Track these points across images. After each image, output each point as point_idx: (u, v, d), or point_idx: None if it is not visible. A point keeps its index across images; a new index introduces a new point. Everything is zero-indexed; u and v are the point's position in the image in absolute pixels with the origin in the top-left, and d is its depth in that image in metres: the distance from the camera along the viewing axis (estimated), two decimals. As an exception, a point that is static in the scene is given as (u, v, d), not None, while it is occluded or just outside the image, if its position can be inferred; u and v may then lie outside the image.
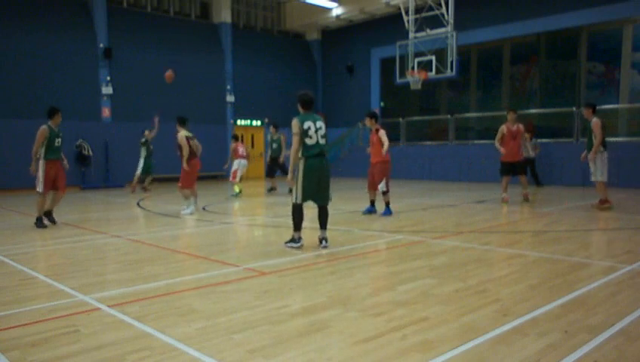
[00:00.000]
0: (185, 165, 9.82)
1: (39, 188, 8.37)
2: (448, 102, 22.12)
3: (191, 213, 9.84)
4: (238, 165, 13.76)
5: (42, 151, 8.38)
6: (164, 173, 17.79)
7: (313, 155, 6.13)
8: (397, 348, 3.08)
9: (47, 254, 6.52)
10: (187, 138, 9.91)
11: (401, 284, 4.56)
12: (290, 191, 6.61)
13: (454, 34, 15.10)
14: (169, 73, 11.28)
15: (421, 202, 11.74)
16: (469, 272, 5.01)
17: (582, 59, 18.26)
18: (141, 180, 15.66)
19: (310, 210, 7.53)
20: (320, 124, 6.23)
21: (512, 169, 11.13)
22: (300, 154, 6.15)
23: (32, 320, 3.69)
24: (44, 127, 8.40)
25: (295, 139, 6.12)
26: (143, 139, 15.40)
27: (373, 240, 7.11)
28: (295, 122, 6.13)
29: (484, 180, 16.96)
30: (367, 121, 9.54)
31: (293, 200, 6.27)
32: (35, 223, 8.45)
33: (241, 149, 13.99)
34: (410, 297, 4.15)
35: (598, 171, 9.81)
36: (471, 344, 3.12)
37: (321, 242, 6.38)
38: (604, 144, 9.80)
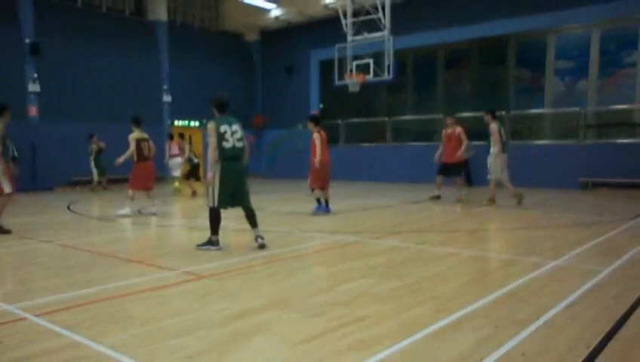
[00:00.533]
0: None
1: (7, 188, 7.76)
2: (386, 105, 22.57)
3: (125, 215, 9.54)
4: (171, 164, 13.76)
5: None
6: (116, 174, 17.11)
7: (229, 158, 6.13)
8: (336, 348, 3.11)
9: (-33, 262, 6.11)
10: (138, 140, 9.88)
11: (340, 285, 4.62)
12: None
13: (391, 38, 15.42)
14: None
15: (360, 203, 11.92)
16: (405, 271, 5.13)
17: (510, 65, 19.14)
18: (99, 182, 16.18)
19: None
20: (236, 127, 6.22)
21: (445, 170, 11.86)
22: (216, 158, 6.11)
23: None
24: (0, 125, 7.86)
25: (212, 142, 6.08)
26: (94, 145, 15.88)
27: (312, 241, 7.15)
28: (211, 126, 6.11)
29: (420, 181, 17.43)
30: (309, 125, 9.69)
31: (210, 204, 6.23)
32: None
33: (174, 148, 13.90)
34: (349, 297, 4.21)
35: (493, 171, 10.64)
36: (408, 341, 3.20)
37: (256, 240, 6.33)
38: (503, 147, 10.58)
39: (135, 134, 9.94)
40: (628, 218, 8.87)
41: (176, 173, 15.21)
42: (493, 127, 10.48)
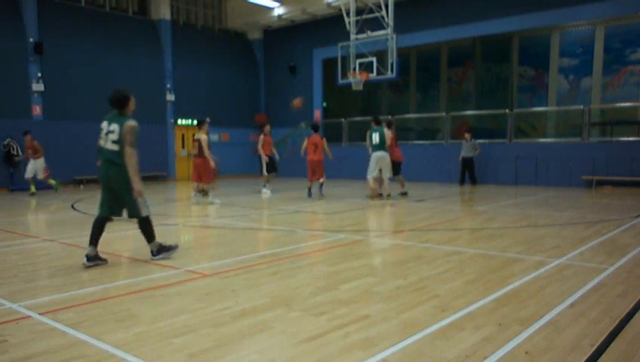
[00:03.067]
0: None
1: None
2: (389, 103, 22.55)
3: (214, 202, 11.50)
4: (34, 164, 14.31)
5: None
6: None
7: (102, 160, 5.46)
8: (339, 346, 3.11)
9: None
10: (199, 139, 11.36)
11: (343, 283, 4.62)
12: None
13: (394, 36, 15.41)
14: (297, 101, 14.46)
15: (362, 201, 11.91)
16: (408, 270, 5.13)
17: (514, 63, 19.10)
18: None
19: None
20: (114, 126, 5.32)
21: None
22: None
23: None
24: None
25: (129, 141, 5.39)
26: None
27: (315, 239, 7.15)
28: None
29: (423, 180, 17.41)
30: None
31: (144, 213, 5.62)
32: None
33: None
34: (352, 295, 4.21)
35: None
36: (411, 339, 3.20)
37: (151, 255, 5.77)
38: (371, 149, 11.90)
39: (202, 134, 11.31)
40: (632, 216, 8.85)
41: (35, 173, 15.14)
42: (387, 132, 12.02)
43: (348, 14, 16.36)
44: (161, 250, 5.77)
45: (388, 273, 5.00)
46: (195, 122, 21.94)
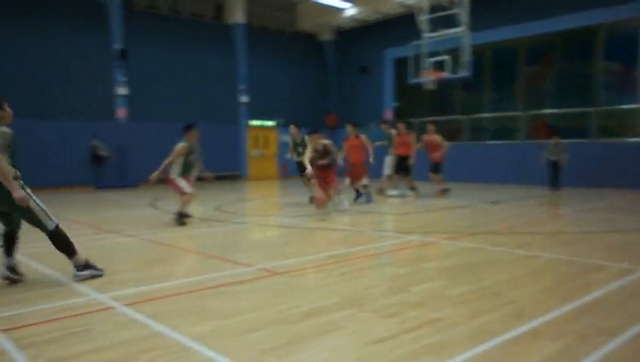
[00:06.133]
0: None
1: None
2: (462, 103, 21.97)
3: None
4: None
5: None
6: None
7: None
8: (410, 350, 3.08)
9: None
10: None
11: (414, 285, 4.55)
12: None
13: (469, 33, 15.00)
14: None
15: (433, 203, 11.68)
16: (482, 274, 4.98)
17: (598, 58, 18.03)
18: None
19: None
20: None
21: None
22: None
23: (48, 318, 3.75)
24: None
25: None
26: None
27: (385, 240, 7.10)
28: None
29: (498, 181, 16.83)
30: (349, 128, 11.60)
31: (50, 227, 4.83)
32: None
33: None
34: (423, 298, 4.15)
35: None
36: (484, 346, 3.11)
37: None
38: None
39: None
40: None
41: None
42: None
43: (420, 12, 16.11)
44: (88, 266, 4.97)
45: (460, 277, 4.88)
46: (270, 123, 22.50)
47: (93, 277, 4.91)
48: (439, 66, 15.71)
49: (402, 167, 12.66)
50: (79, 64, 17.41)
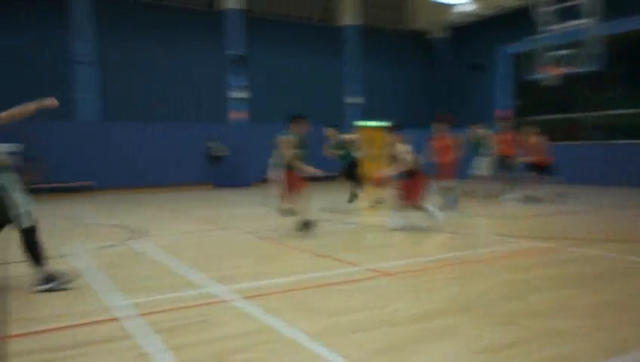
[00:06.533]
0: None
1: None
2: (585, 99, 20.36)
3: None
4: None
5: None
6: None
7: None
8: (530, 360, 2.90)
9: (184, 246, 7.03)
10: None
11: (532, 293, 4.28)
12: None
13: (594, 24, 13.84)
14: None
15: (552, 206, 10.92)
16: (609, 285, 4.57)
17: None
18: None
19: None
20: None
21: None
22: None
23: (173, 306, 4.04)
24: None
25: None
26: None
27: (501, 245, 6.77)
28: None
29: (626, 184, 15.37)
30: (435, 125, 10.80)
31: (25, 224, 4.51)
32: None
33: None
34: (542, 307, 3.89)
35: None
36: (615, 363, 2.85)
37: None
38: None
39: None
40: None
41: None
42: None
43: (539, 4, 15.17)
44: (51, 280, 4.51)
45: (584, 286, 4.51)
46: (383, 125, 22.59)
47: (55, 289, 4.48)
48: (560, 61, 14.68)
49: (504, 166, 12.14)
50: (199, 69, 18.85)
